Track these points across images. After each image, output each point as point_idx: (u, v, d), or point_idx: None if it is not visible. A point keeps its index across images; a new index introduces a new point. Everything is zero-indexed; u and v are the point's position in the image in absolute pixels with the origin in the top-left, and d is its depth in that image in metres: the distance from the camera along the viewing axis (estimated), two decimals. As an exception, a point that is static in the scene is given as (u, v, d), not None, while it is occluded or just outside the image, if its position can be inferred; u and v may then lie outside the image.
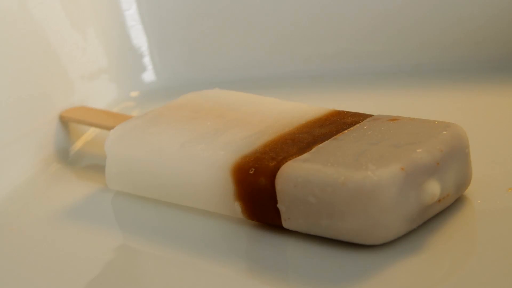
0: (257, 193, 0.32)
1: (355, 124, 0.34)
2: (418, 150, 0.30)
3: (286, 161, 0.32)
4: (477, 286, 0.27)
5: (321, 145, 0.32)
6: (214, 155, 0.34)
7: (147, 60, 0.55)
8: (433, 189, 0.30)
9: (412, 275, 0.29)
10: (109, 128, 0.42)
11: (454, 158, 0.31)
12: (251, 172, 0.32)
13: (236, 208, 0.33)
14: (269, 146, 0.33)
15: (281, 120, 0.35)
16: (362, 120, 0.34)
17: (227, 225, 0.34)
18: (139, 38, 0.55)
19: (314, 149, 0.32)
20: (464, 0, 0.48)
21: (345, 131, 0.33)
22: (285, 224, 0.31)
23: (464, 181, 0.32)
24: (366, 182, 0.29)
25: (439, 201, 0.31)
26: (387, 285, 0.28)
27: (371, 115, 0.34)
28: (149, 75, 0.55)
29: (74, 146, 0.46)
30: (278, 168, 0.31)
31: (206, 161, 0.34)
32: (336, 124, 0.34)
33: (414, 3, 0.49)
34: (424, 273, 0.28)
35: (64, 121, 0.46)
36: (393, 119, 0.33)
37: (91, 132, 0.47)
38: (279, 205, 0.31)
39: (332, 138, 0.33)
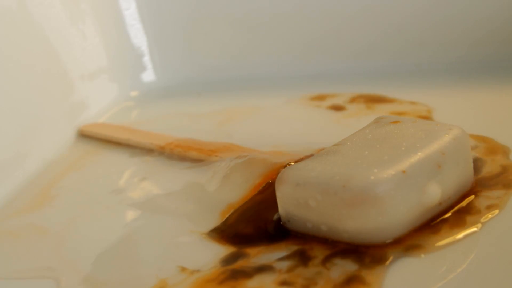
0: (258, 195, 0.32)
1: None
2: (419, 153, 0.30)
3: (288, 164, 0.31)
4: (476, 286, 0.27)
5: (322, 149, 0.32)
6: None
7: (147, 59, 0.55)
8: (434, 192, 0.30)
9: (412, 275, 0.29)
10: (125, 142, 0.44)
11: (456, 161, 0.31)
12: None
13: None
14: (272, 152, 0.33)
15: None
16: None
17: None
18: (139, 38, 0.55)
19: (315, 153, 0.32)
20: (464, 0, 0.48)
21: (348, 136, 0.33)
22: (286, 226, 0.31)
23: (465, 184, 0.32)
24: (368, 185, 0.29)
25: (440, 204, 0.31)
26: (387, 285, 0.28)
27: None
28: (149, 75, 0.55)
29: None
30: (279, 170, 0.31)
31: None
32: None
33: (414, 3, 0.49)
34: (424, 273, 0.28)
35: (84, 135, 0.47)
36: (395, 121, 0.33)
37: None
38: (279, 207, 0.31)
39: (334, 144, 0.33)
